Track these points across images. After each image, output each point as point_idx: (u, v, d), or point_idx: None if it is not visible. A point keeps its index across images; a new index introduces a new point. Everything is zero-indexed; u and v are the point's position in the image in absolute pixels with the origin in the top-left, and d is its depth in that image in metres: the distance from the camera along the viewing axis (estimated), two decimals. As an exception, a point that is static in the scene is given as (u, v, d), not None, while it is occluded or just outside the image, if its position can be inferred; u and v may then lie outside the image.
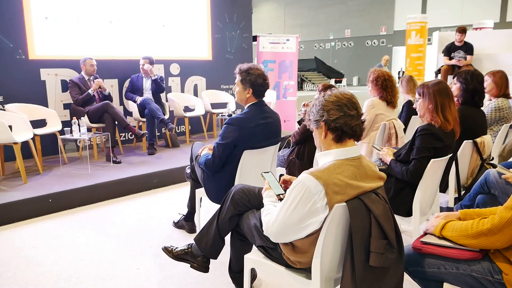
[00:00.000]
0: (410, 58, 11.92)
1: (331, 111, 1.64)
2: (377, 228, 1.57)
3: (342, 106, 1.64)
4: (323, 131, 1.67)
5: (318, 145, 1.75)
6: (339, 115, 1.63)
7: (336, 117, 1.63)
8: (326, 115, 1.65)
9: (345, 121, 1.63)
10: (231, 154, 2.67)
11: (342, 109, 1.64)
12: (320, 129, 1.69)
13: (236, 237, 2.18)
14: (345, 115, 1.63)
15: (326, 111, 1.65)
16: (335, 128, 1.64)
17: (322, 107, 1.67)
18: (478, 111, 3.14)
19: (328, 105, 1.65)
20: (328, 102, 1.66)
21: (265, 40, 7.94)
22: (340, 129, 1.63)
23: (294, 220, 1.59)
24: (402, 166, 2.43)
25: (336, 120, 1.63)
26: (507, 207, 1.47)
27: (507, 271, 1.50)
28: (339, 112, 1.63)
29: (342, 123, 1.63)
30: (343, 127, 1.63)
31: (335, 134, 1.65)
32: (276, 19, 34.24)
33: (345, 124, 1.63)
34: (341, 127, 1.63)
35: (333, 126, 1.64)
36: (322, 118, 1.66)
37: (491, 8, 23.81)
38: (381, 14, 29.25)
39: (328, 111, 1.64)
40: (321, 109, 1.67)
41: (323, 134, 1.67)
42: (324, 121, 1.66)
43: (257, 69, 2.67)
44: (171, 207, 3.91)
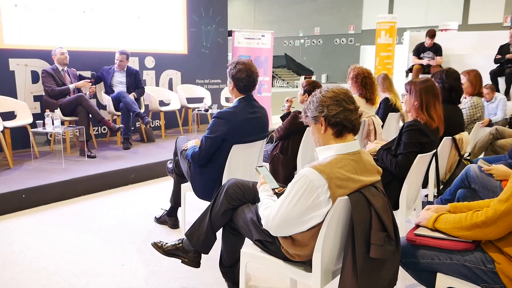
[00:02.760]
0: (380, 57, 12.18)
1: (331, 107, 1.66)
2: (377, 221, 1.60)
3: (340, 101, 1.67)
4: (323, 127, 1.69)
5: (316, 140, 1.76)
6: (339, 110, 1.65)
7: (335, 112, 1.65)
8: (326, 110, 1.66)
9: (345, 116, 1.66)
10: (219, 149, 2.65)
11: (341, 104, 1.66)
12: (318, 124, 1.71)
13: (229, 232, 2.17)
14: (345, 109, 1.66)
15: (325, 107, 1.67)
16: (335, 123, 1.66)
17: (320, 103, 1.68)
18: (456, 108, 3.26)
19: (326, 100, 1.67)
20: (326, 98, 1.68)
21: (240, 35, 7.90)
22: (340, 123, 1.66)
23: (296, 214, 1.60)
24: (392, 157, 2.50)
25: (336, 115, 1.65)
26: (500, 200, 1.53)
27: (499, 260, 1.57)
28: (338, 107, 1.66)
29: (342, 118, 1.65)
30: (343, 122, 1.65)
31: (336, 129, 1.67)
32: (247, 15, 34.17)
33: (345, 119, 1.66)
34: (341, 122, 1.65)
35: (333, 122, 1.66)
36: (321, 114, 1.67)
37: (454, 11, 24.69)
38: (350, 13, 29.76)
39: (328, 106, 1.66)
40: (320, 105, 1.68)
41: (323, 129, 1.69)
42: (323, 117, 1.67)
43: (243, 64, 2.67)
44: (150, 202, 3.84)
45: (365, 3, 29.06)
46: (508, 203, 1.50)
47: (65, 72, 5.06)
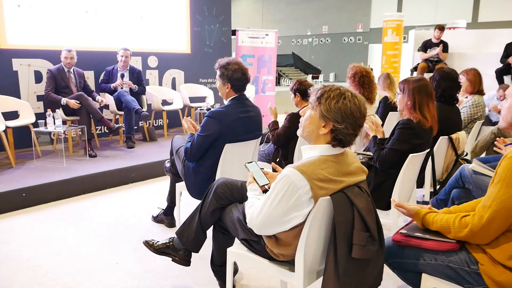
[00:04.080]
0: (387, 55, 12.10)
1: (347, 125, 1.59)
2: (360, 221, 1.60)
3: (356, 126, 1.61)
4: (326, 129, 1.62)
5: (310, 131, 1.67)
6: (350, 133, 1.61)
7: (346, 132, 1.60)
8: (341, 124, 1.58)
9: (350, 139, 1.63)
10: (212, 148, 2.67)
11: (354, 128, 1.61)
12: (322, 122, 1.62)
13: (219, 231, 2.18)
14: (353, 135, 1.63)
15: (344, 121, 1.58)
16: (339, 139, 1.61)
17: (342, 114, 1.58)
18: (453, 108, 3.24)
19: (349, 117, 1.58)
20: (351, 114, 1.58)
21: (244, 34, 7.90)
22: (342, 141, 1.62)
23: (278, 213, 1.60)
24: (378, 148, 2.53)
25: (344, 134, 1.60)
26: (484, 206, 1.52)
27: (483, 261, 1.55)
28: (352, 129, 1.60)
29: (347, 140, 1.63)
30: (344, 141, 1.63)
31: (335, 142, 1.63)
32: (254, 13, 34.15)
33: (348, 141, 1.63)
34: (343, 140, 1.62)
35: (339, 137, 1.61)
36: (334, 122, 1.59)
37: (463, 9, 24.43)
38: (358, 12, 29.59)
39: (346, 122, 1.58)
40: (340, 114, 1.58)
41: (324, 131, 1.62)
42: (334, 126, 1.60)
43: (235, 64, 2.67)
44: (150, 201, 3.87)
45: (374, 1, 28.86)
46: (491, 209, 1.48)
47: (70, 73, 5.09)
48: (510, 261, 1.49)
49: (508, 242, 1.50)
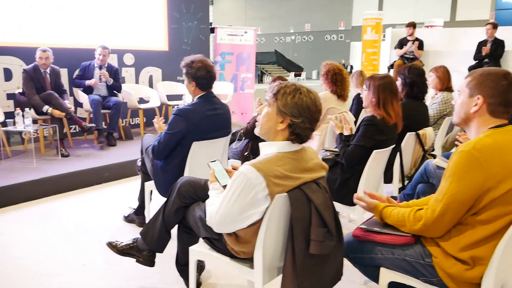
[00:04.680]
0: (366, 53, 12.21)
1: (303, 118, 1.60)
2: (317, 217, 1.61)
3: (313, 120, 1.64)
4: (283, 125, 1.63)
5: (267, 128, 1.68)
6: (307, 127, 1.63)
7: (303, 126, 1.62)
8: (298, 118, 1.60)
9: (307, 134, 1.65)
10: (180, 146, 2.65)
11: (311, 122, 1.63)
12: (280, 118, 1.63)
13: (183, 230, 2.17)
14: (310, 129, 1.65)
15: (300, 115, 1.60)
16: (297, 133, 1.63)
17: (299, 108, 1.60)
18: (421, 104, 3.28)
19: (304, 111, 1.60)
20: (307, 109, 1.61)
21: (223, 32, 7.89)
22: (300, 135, 1.64)
23: (235, 211, 1.60)
24: (344, 145, 2.55)
25: (302, 128, 1.62)
26: (437, 200, 1.54)
27: (436, 254, 1.58)
28: (308, 124, 1.62)
29: (305, 134, 1.64)
30: (302, 136, 1.64)
31: (293, 137, 1.64)
32: (237, 11, 34.11)
33: (305, 135, 1.65)
34: (300, 134, 1.63)
35: (296, 131, 1.62)
36: (291, 117, 1.60)
37: (442, 8, 24.84)
38: (340, 10, 29.84)
39: (303, 116, 1.60)
40: (297, 108, 1.60)
41: (281, 127, 1.63)
42: (291, 120, 1.61)
43: (199, 62, 2.66)
44: (123, 201, 3.82)
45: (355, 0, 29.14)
46: (443, 202, 1.51)
47: (46, 74, 4.98)
48: (461, 253, 1.52)
49: (459, 234, 1.53)
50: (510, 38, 7.28)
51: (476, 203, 1.48)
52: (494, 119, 1.57)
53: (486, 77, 1.58)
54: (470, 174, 1.45)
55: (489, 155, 1.44)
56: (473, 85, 1.61)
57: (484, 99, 1.57)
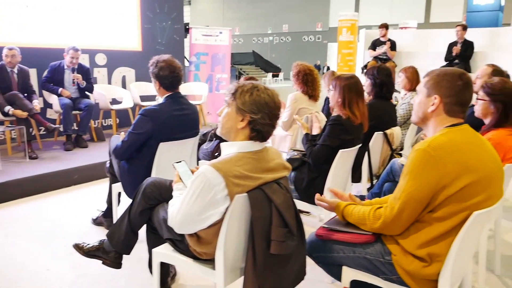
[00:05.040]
0: (342, 54, 12.34)
1: (263, 114, 1.61)
2: (278, 217, 1.61)
3: (272, 115, 1.64)
4: (243, 123, 1.63)
5: (228, 127, 1.68)
6: (267, 122, 1.63)
7: (263, 122, 1.62)
8: (257, 114, 1.61)
9: (268, 130, 1.65)
10: (146, 147, 2.62)
11: (270, 118, 1.64)
12: (240, 116, 1.64)
13: (150, 231, 2.15)
14: (270, 125, 1.65)
15: (259, 111, 1.61)
16: (257, 129, 1.63)
17: (257, 105, 1.61)
18: (388, 104, 3.34)
19: (263, 107, 1.61)
20: (265, 103, 1.62)
21: (197, 32, 7.84)
22: (260, 132, 1.64)
23: (195, 211, 1.59)
24: (310, 145, 2.57)
25: (262, 124, 1.62)
26: (395, 198, 1.57)
27: (395, 252, 1.60)
28: (268, 119, 1.63)
29: (266, 130, 1.64)
30: (263, 133, 1.64)
31: (255, 134, 1.64)
32: (215, 11, 34.01)
33: (266, 132, 1.65)
34: (261, 131, 1.64)
35: (256, 128, 1.63)
36: (251, 114, 1.61)
37: (416, 10, 25.35)
38: (317, 11, 30.10)
39: (261, 112, 1.61)
40: (255, 105, 1.61)
41: (242, 125, 1.64)
42: (251, 118, 1.61)
43: (163, 61, 2.63)
44: (92, 203, 3.75)
45: (332, 1, 29.44)
46: (401, 200, 1.53)
47: (13, 73, 4.83)
48: (419, 251, 1.54)
49: (417, 232, 1.56)
50: (479, 39, 7.48)
51: (432, 201, 1.51)
52: (450, 118, 1.61)
53: (443, 77, 1.61)
54: (425, 172, 1.48)
55: (444, 153, 1.47)
56: (430, 85, 1.64)
57: (441, 98, 1.60)
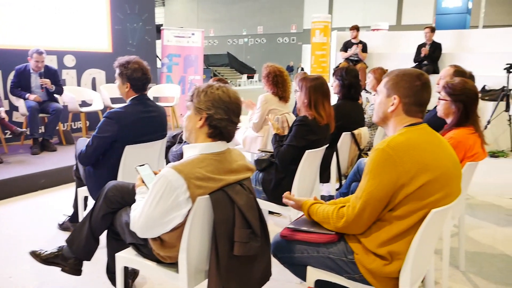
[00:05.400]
0: (315, 55, 12.46)
1: (219, 110, 1.61)
2: (241, 218, 1.60)
3: (229, 110, 1.63)
4: (202, 122, 1.64)
5: (190, 129, 1.69)
6: (224, 118, 1.62)
7: (220, 118, 1.61)
8: (213, 110, 1.61)
9: (226, 125, 1.63)
10: (112, 150, 2.57)
11: (228, 113, 1.63)
12: (198, 117, 1.64)
13: (112, 236, 2.10)
14: (229, 120, 1.63)
15: (214, 107, 1.61)
16: (215, 126, 1.62)
17: (212, 102, 1.62)
18: (356, 104, 3.38)
19: (219, 103, 1.62)
20: (220, 100, 1.62)
21: (170, 33, 7.78)
22: (219, 129, 1.63)
23: (157, 214, 1.57)
24: (278, 145, 2.58)
25: (219, 120, 1.61)
26: (357, 197, 1.58)
27: (358, 251, 1.62)
28: (225, 114, 1.62)
29: (223, 126, 1.63)
30: (222, 129, 1.63)
31: (212, 131, 1.63)
32: (189, 12, 33.81)
33: (225, 128, 1.64)
34: (220, 128, 1.63)
35: (213, 124, 1.62)
36: (207, 111, 1.62)
37: (388, 12, 25.85)
38: (292, 13, 30.31)
39: (217, 108, 1.61)
40: (211, 102, 1.62)
41: (200, 124, 1.64)
42: (207, 115, 1.62)
43: (136, 63, 2.59)
44: (59, 208, 3.65)
45: (306, 3, 29.71)
46: (362, 199, 1.55)
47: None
48: (379, 249, 1.56)
49: (378, 230, 1.57)
50: (448, 41, 7.68)
51: (392, 199, 1.53)
52: (409, 118, 1.63)
53: (401, 78, 1.64)
54: (384, 171, 1.50)
55: (402, 153, 1.50)
56: (390, 85, 1.67)
57: (400, 99, 1.63)
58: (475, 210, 3.82)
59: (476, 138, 2.35)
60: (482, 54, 7.25)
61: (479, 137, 2.37)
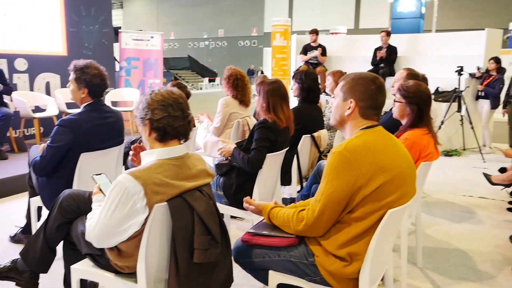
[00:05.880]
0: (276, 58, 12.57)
1: (156, 111, 1.60)
2: (200, 225, 1.58)
3: (167, 106, 1.61)
4: (147, 129, 1.63)
5: (144, 139, 1.70)
6: (163, 115, 1.60)
7: (159, 117, 1.60)
8: (150, 113, 1.61)
9: (168, 122, 1.60)
10: (67, 158, 2.46)
11: (166, 110, 1.61)
12: (145, 127, 1.64)
13: (68, 247, 2.02)
14: (169, 115, 1.61)
15: (150, 110, 1.61)
16: (158, 127, 1.61)
17: (147, 106, 1.62)
18: (315, 107, 3.43)
19: (153, 104, 1.61)
20: (153, 101, 1.62)
21: (128, 36, 7.62)
22: (163, 129, 1.61)
23: (114, 222, 1.52)
24: (244, 154, 2.53)
25: (159, 120, 1.60)
26: (316, 200, 1.59)
27: (318, 253, 1.63)
28: (163, 112, 1.60)
29: (165, 124, 1.60)
30: (166, 128, 1.60)
31: (158, 133, 1.62)
32: (149, 15, 33.27)
33: (168, 125, 1.61)
34: (164, 127, 1.60)
35: (156, 126, 1.61)
36: (146, 117, 1.62)
37: (347, 16, 26.49)
38: (252, 16, 30.44)
39: (153, 110, 1.60)
40: (146, 107, 1.62)
41: (147, 132, 1.63)
42: (148, 120, 1.61)
43: (94, 68, 2.51)
44: (10, 219, 3.48)
45: (266, 7, 29.94)
46: (321, 202, 1.56)
47: None
48: (339, 251, 1.58)
49: (337, 233, 1.59)
50: (403, 45, 7.95)
51: (350, 202, 1.55)
52: (365, 120, 1.67)
53: (357, 82, 1.68)
54: (342, 174, 1.52)
55: (359, 155, 1.52)
56: (346, 89, 1.70)
57: (356, 102, 1.66)
58: (431, 208, 3.97)
59: (429, 138, 2.44)
60: (435, 57, 7.55)
61: (432, 138, 2.46)
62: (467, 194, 4.41)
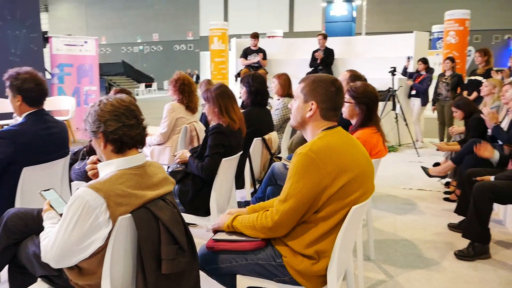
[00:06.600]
0: (215, 62, 12.56)
1: (108, 122, 1.51)
2: (167, 234, 1.53)
3: (119, 115, 1.53)
4: (102, 142, 1.54)
5: (99, 154, 1.62)
6: (117, 126, 1.52)
7: (114, 128, 1.51)
8: (103, 126, 1.51)
9: (124, 132, 1.53)
10: (7, 173, 2.28)
11: (120, 119, 1.53)
12: (99, 140, 1.56)
13: (15, 271, 1.86)
14: (124, 125, 1.53)
15: (103, 122, 1.51)
16: (113, 139, 1.52)
17: (98, 118, 1.52)
18: (264, 110, 3.47)
19: (104, 115, 1.52)
20: (104, 112, 1.52)
21: (59, 41, 7.22)
22: (119, 140, 1.53)
23: (75, 240, 1.43)
24: (198, 162, 2.50)
25: (114, 131, 1.51)
26: (280, 201, 1.61)
27: (285, 253, 1.65)
28: (117, 122, 1.52)
29: (121, 134, 1.52)
30: (122, 138, 1.53)
31: (115, 145, 1.54)
32: (77, 19, 31.77)
33: (124, 135, 1.53)
34: (120, 138, 1.53)
35: (111, 138, 1.52)
36: (99, 130, 1.52)
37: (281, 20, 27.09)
38: (187, 20, 30.14)
39: (105, 122, 1.51)
40: (97, 119, 1.52)
41: (102, 145, 1.55)
42: (101, 132, 1.52)
43: (26, 73, 2.35)
44: None
45: (201, 11, 29.79)
46: (286, 203, 1.58)
47: None
48: (307, 250, 1.61)
49: (304, 233, 1.62)
50: (338, 47, 8.26)
51: (316, 201, 1.58)
52: (326, 122, 1.71)
53: (318, 84, 1.71)
54: (308, 174, 1.55)
55: (323, 156, 1.56)
56: (307, 91, 1.73)
57: (317, 104, 1.70)
58: (376, 202, 4.16)
59: (378, 136, 2.56)
60: (369, 58, 7.95)
61: (380, 136, 2.58)
62: (407, 187, 4.68)
